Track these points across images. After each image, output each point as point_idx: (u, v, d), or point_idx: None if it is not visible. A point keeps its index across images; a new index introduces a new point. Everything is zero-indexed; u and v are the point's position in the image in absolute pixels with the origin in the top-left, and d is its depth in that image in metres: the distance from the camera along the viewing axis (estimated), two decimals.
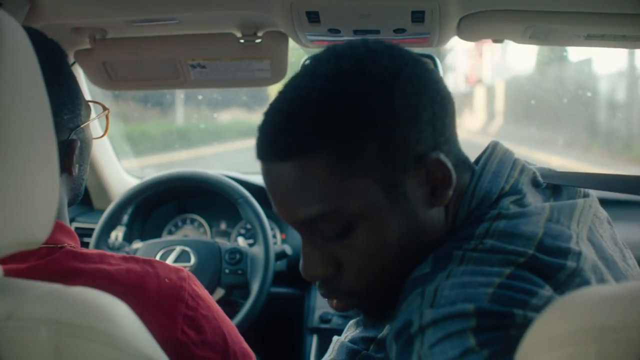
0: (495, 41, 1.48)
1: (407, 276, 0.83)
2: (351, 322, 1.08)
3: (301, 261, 0.87)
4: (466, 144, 0.92)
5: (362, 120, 0.78)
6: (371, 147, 0.78)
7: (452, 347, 0.70)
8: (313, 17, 1.29)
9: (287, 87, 0.83)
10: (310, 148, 0.78)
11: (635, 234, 2.17)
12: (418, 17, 1.28)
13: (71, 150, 1.03)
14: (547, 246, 0.79)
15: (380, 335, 0.98)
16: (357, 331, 1.03)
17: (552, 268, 0.77)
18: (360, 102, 0.78)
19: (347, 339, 1.04)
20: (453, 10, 1.27)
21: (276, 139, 0.80)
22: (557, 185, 0.94)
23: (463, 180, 0.88)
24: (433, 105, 0.81)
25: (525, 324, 0.68)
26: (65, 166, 1.03)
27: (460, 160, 0.88)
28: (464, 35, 1.41)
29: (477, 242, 0.80)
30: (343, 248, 0.83)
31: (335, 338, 1.07)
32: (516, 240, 0.79)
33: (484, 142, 0.96)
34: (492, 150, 0.92)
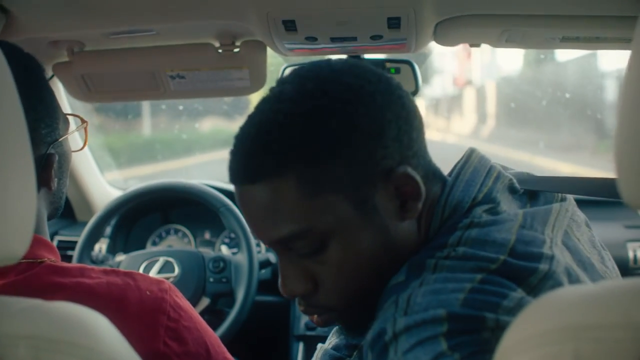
0: (472, 45, 1.49)
1: (384, 287, 0.84)
2: (335, 328, 1.08)
3: (280, 279, 0.89)
4: (456, 149, 0.93)
5: (327, 139, 0.80)
6: (338, 165, 0.80)
7: (424, 353, 0.71)
8: (290, 26, 1.29)
9: (256, 110, 0.85)
10: (278, 170, 0.80)
11: (617, 234, 2.19)
12: (394, 23, 1.28)
13: (49, 164, 1.03)
14: (519, 252, 0.80)
15: (363, 342, 0.98)
16: (341, 338, 1.04)
17: (524, 272, 0.78)
18: (324, 122, 0.80)
19: (330, 346, 1.05)
20: (429, 15, 1.28)
21: (245, 163, 0.82)
22: (535, 191, 0.95)
23: (434, 192, 0.89)
24: (398, 120, 0.83)
25: (498, 326, 0.70)
26: (44, 180, 1.03)
27: (430, 172, 0.89)
28: (441, 41, 1.41)
29: (449, 250, 0.81)
30: (318, 264, 0.85)
31: (319, 346, 1.08)
32: (488, 247, 0.80)
33: (476, 147, 0.96)
34: (467, 158, 0.93)
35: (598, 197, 0.88)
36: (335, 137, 0.80)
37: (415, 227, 0.88)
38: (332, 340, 1.06)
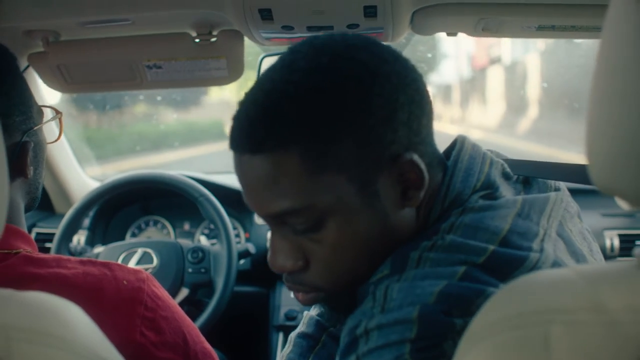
0: (449, 34, 1.49)
1: (369, 275, 0.83)
2: None
3: (269, 253, 0.87)
4: (491, 147, 0.90)
5: (338, 118, 0.77)
6: (345, 145, 0.78)
7: (389, 353, 0.72)
8: (266, 15, 1.29)
9: (264, 78, 0.82)
10: (284, 143, 0.77)
11: (594, 222, 2.21)
12: (370, 11, 1.28)
13: (25, 152, 1.02)
14: (510, 243, 0.79)
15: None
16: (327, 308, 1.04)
17: (511, 264, 0.78)
18: (336, 100, 0.77)
19: (316, 313, 1.06)
20: (405, 4, 1.28)
21: (250, 132, 0.79)
22: (527, 178, 0.95)
23: (436, 180, 0.87)
24: (410, 104, 0.81)
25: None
26: (20, 169, 1.02)
27: (435, 159, 0.88)
28: (418, 29, 1.42)
29: (437, 238, 0.81)
30: (312, 242, 0.83)
31: (305, 312, 1.09)
32: (480, 235, 0.80)
33: (510, 146, 0.93)
34: (462, 145, 0.91)
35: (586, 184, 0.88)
36: (345, 116, 0.77)
37: (414, 216, 0.87)
38: (317, 308, 1.07)
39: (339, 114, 0.77)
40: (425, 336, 0.71)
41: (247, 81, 1.67)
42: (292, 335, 1.07)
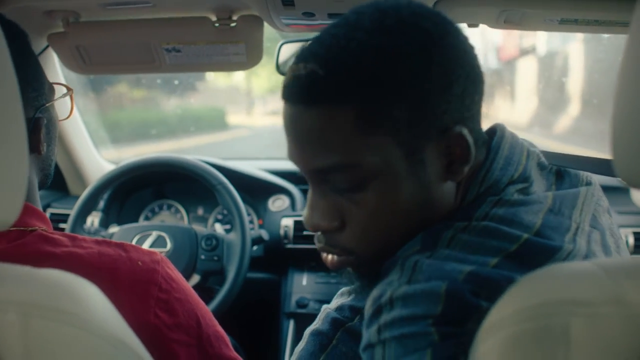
0: (470, 26, 1.48)
1: (400, 247, 0.83)
2: (343, 289, 1.07)
3: (305, 210, 0.87)
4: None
5: (397, 80, 0.77)
6: (400, 109, 0.77)
7: (410, 329, 0.72)
8: (287, 1, 1.29)
9: (325, 34, 0.81)
10: (340, 98, 0.77)
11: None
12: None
13: (38, 128, 1.02)
14: (544, 236, 0.79)
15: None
16: (348, 299, 1.03)
17: (545, 253, 0.77)
18: (397, 63, 0.76)
19: (336, 305, 1.04)
20: None
21: (307, 84, 0.78)
22: (559, 171, 0.94)
23: (478, 160, 0.87)
24: (466, 79, 0.81)
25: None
26: (34, 144, 1.02)
27: (480, 139, 0.87)
28: None
29: (473, 222, 0.81)
30: (352, 203, 0.83)
31: (324, 307, 1.07)
32: (514, 226, 0.80)
33: (545, 147, 0.94)
34: (502, 132, 0.91)
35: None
36: (404, 80, 0.77)
37: (454, 193, 0.87)
38: (338, 300, 1.05)
39: (399, 76, 0.76)
40: (451, 313, 0.71)
41: (261, 67, 1.66)
42: (307, 331, 1.05)
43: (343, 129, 0.77)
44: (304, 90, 0.79)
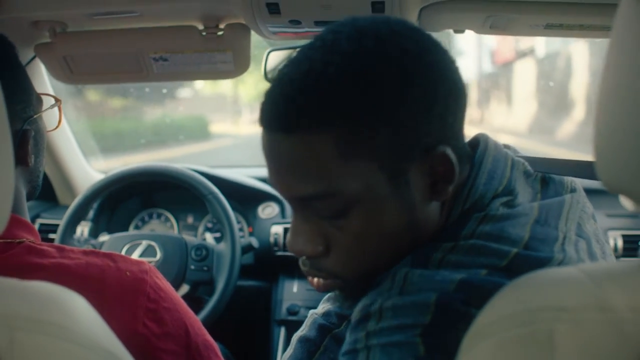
0: (456, 31, 1.49)
1: (388, 268, 0.82)
2: (329, 294, 1.06)
3: (289, 235, 0.85)
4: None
5: (377, 104, 0.75)
6: (381, 132, 0.76)
7: (399, 337, 0.72)
8: (273, 9, 1.29)
9: (302, 56, 0.78)
10: (319, 125, 0.75)
11: (598, 222, 2.20)
12: (378, 7, 1.28)
13: (26, 140, 1.02)
14: (532, 249, 0.79)
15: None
16: (335, 305, 1.03)
17: (534, 269, 0.76)
18: (376, 86, 0.75)
19: (323, 310, 1.04)
20: (413, 0, 1.28)
21: (284, 111, 0.76)
22: (544, 177, 0.93)
23: (462, 177, 0.86)
24: (447, 96, 0.79)
25: None
26: (21, 157, 1.02)
27: (464, 155, 0.86)
28: (425, 26, 1.41)
29: (459, 241, 0.80)
30: (335, 229, 0.81)
31: (310, 312, 1.06)
32: (502, 242, 0.79)
33: (548, 154, 0.91)
34: (485, 144, 0.90)
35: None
36: (384, 104, 0.75)
37: (439, 211, 0.86)
38: (325, 306, 1.05)
39: (378, 100, 0.75)
40: (440, 323, 0.71)
41: (248, 74, 1.67)
42: (295, 337, 1.05)
43: (323, 157, 0.76)
44: (281, 118, 0.77)
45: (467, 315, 0.71)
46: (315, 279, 0.89)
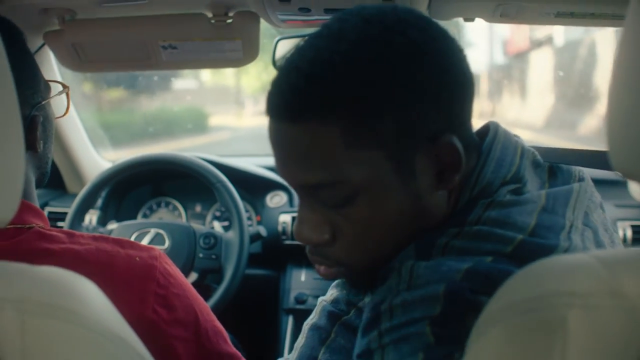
0: (466, 20, 1.48)
1: (393, 256, 0.83)
2: (337, 281, 1.07)
3: (296, 223, 0.86)
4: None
5: (382, 93, 0.75)
6: (387, 121, 0.76)
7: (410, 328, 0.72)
8: None
9: (308, 45, 0.79)
10: (325, 114, 0.75)
11: (607, 213, 2.20)
12: None
13: (34, 126, 1.03)
14: (538, 236, 0.79)
15: (360, 303, 0.99)
16: (343, 293, 1.03)
17: (539, 256, 0.75)
18: (382, 75, 0.75)
19: (332, 297, 1.04)
20: None
21: (290, 100, 0.77)
22: (552, 168, 0.93)
23: (469, 165, 0.86)
24: (454, 85, 0.79)
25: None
26: (30, 142, 1.02)
27: (471, 144, 0.86)
28: (435, 15, 1.41)
29: (466, 227, 0.80)
30: (341, 217, 0.82)
31: (319, 299, 1.07)
32: (508, 228, 0.79)
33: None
34: (495, 132, 0.90)
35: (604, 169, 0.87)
36: (390, 92, 0.75)
37: (446, 200, 0.85)
38: (333, 292, 1.05)
39: (384, 89, 0.75)
40: (450, 313, 0.72)
41: (251, 64, 1.66)
42: (305, 325, 1.05)
43: (329, 145, 0.76)
44: (288, 107, 0.77)
45: (476, 304, 0.71)
46: (322, 267, 0.89)
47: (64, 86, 1.18)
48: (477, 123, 0.90)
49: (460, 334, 0.69)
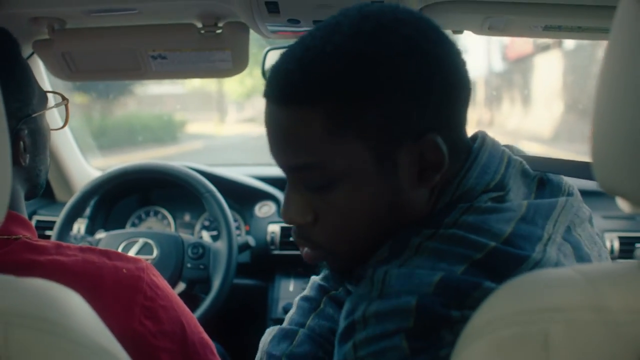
0: (455, 32, 1.49)
1: (377, 247, 0.85)
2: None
3: (283, 204, 0.89)
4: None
5: (370, 85, 0.78)
6: (371, 114, 0.79)
7: (386, 345, 0.73)
8: (272, 8, 1.29)
9: (308, 35, 0.83)
10: (312, 99, 0.79)
11: (595, 224, 2.21)
12: None
13: (18, 139, 1.02)
14: (512, 244, 0.79)
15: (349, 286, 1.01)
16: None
17: (511, 262, 0.77)
18: (370, 68, 0.78)
19: (323, 275, 1.10)
20: (412, 1, 1.28)
21: (283, 83, 0.81)
22: (542, 179, 0.94)
23: (454, 168, 0.87)
24: (446, 87, 0.81)
25: (463, 320, 0.69)
26: (13, 156, 1.02)
27: (460, 148, 0.88)
28: None
29: (440, 229, 0.81)
30: (322, 202, 0.85)
31: (312, 277, 1.13)
32: (482, 234, 0.79)
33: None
34: (483, 140, 0.91)
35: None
36: (376, 86, 0.78)
37: (427, 199, 0.87)
38: (325, 271, 1.10)
39: (371, 82, 0.78)
40: (423, 326, 0.72)
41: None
42: (297, 299, 1.11)
43: (312, 130, 0.79)
44: (280, 90, 0.81)
45: (448, 317, 0.72)
46: (305, 249, 0.92)
47: (63, 98, 1.18)
48: (471, 131, 0.91)
49: (435, 344, 0.71)
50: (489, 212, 0.82)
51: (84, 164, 2.45)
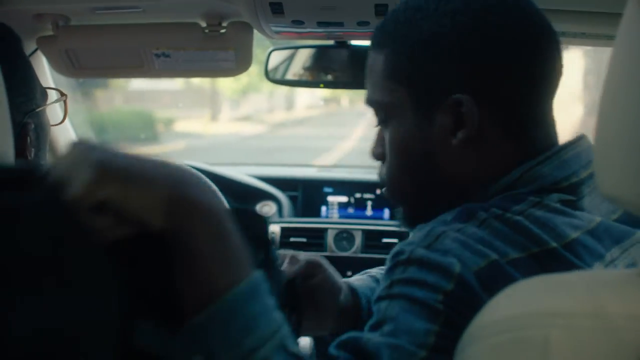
0: None
1: (425, 204, 0.93)
2: None
3: None
4: None
5: (418, 41, 0.87)
6: (419, 66, 0.88)
7: (419, 295, 0.73)
8: (276, 9, 1.29)
9: None
10: (380, 45, 0.92)
11: None
12: (381, 9, 1.28)
13: (25, 134, 1.02)
14: (573, 251, 0.77)
15: None
16: None
17: (560, 271, 0.74)
18: (426, 24, 0.87)
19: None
20: None
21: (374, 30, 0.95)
22: None
23: (519, 154, 0.86)
24: (512, 65, 0.86)
25: None
26: (19, 150, 1.02)
27: (521, 135, 0.87)
28: None
29: (508, 213, 0.79)
30: (385, 138, 0.95)
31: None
32: (546, 230, 0.78)
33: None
34: (576, 140, 0.89)
35: None
36: (423, 43, 0.87)
37: (474, 164, 0.88)
38: None
39: (427, 38, 0.87)
40: (459, 296, 0.72)
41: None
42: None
43: (376, 70, 0.92)
44: (372, 35, 0.95)
45: (480, 300, 0.69)
46: (383, 188, 1.00)
47: (62, 94, 1.18)
48: None
49: (462, 322, 0.66)
50: (557, 213, 0.80)
51: None
